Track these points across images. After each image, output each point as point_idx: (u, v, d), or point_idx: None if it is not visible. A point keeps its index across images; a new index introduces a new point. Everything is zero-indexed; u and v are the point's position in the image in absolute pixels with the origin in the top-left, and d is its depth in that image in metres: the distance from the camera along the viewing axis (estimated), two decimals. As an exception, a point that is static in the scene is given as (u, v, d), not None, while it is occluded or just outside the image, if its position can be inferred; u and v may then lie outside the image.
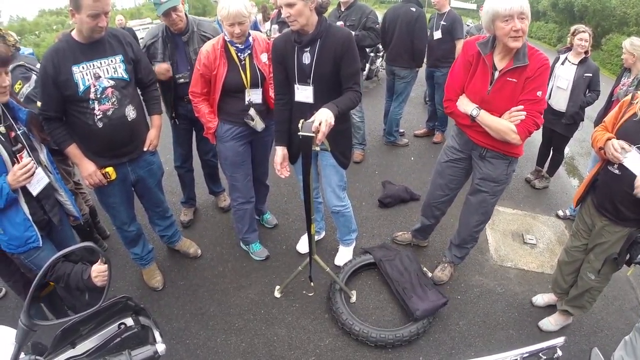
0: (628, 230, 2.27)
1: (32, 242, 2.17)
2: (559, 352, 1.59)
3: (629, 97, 2.27)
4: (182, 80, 3.12)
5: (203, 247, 3.55)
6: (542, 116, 2.31)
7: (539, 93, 2.26)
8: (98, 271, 1.68)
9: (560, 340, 1.51)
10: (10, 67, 2.84)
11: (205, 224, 3.95)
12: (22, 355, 1.06)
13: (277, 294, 3.07)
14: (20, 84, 2.81)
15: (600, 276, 2.50)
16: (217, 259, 3.48)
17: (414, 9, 4.72)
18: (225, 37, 2.70)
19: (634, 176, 2.07)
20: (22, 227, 2.12)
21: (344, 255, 3.36)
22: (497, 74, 2.34)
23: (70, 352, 1.16)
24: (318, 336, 2.78)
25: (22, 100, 2.77)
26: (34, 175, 2.12)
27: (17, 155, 2.10)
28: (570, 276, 2.75)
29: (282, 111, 2.70)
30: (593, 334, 2.93)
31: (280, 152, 2.69)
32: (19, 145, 2.13)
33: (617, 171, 2.17)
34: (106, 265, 1.59)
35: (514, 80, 2.28)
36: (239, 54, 2.73)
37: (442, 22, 5.07)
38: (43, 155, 2.29)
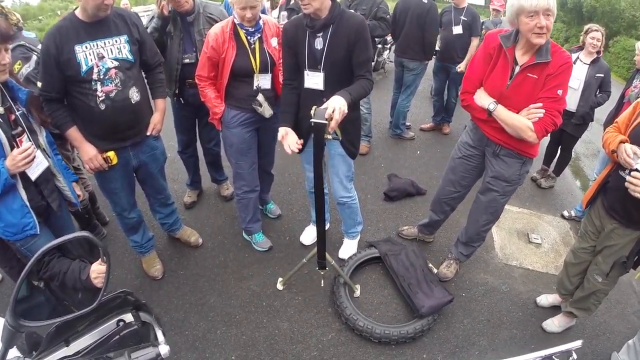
0: (638, 234, 2.21)
1: (29, 229, 2.08)
2: (574, 356, 1.54)
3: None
4: (187, 61, 3.05)
5: (204, 236, 3.49)
6: (561, 116, 2.22)
7: (560, 91, 2.17)
8: (98, 272, 1.53)
9: (577, 343, 1.46)
10: (11, 46, 2.78)
11: (207, 212, 3.88)
12: (10, 355, 0.98)
13: (279, 286, 3.01)
14: (19, 64, 2.73)
15: (607, 279, 2.45)
16: (219, 248, 3.41)
17: (425, 1, 4.64)
18: (235, 20, 2.62)
19: None
20: (19, 213, 2.04)
21: (348, 248, 3.30)
22: (517, 69, 2.25)
23: (64, 351, 1.08)
24: (321, 330, 2.72)
25: (21, 80, 2.70)
26: (34, 159, 2.04)
27: (17, 139, 2.02)
28: (576, 277, 2.69)
29: (290, 94, 2.62)
30: (595, 337, 2.89)
31: (282, 130, 2.47)
32: (19, 129, 2.04)
33: (628, 177, 2.05)
34: (106, 265, 1.49)
35: (535, 76, 2.19)
36: (248, 38, 2.65)
37: (463, 18, 5.01)
38: (42, 138, 2.21)
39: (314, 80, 2.50)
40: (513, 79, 2.27)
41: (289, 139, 2.41)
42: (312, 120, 2.05)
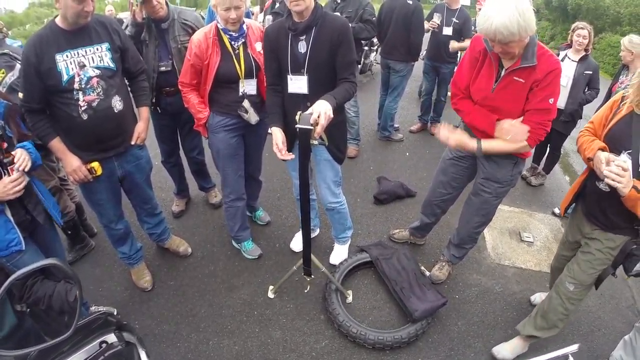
0: (621, 240, 2.12)
1: (14, 245, 2.02)
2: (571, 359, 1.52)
3: (618, 95, 2.07)
4: (163, 69, 3.01)
5: (193, 245, 3.44)
6: (551, 122, 2.20)
7: (551, 100, 2.14)
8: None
9: (574, 347, 1.45)
10: None
11: (196, 220, 3.83)
12: None
13: (270, 295, 2.97)
14: (3, 72, 2.68)
15: (581, 288, 2.30)
16: (208, 257, 3.36)
17: (410, 2, 4.64)
18: (219, 25, 2.59)
19: None
20: (2, 229, 1.98)
21: (339, 253, 3.27)
22: (503, 72, 2.22)
23: None
24: (314, 338, 2.69)
25: (4, 89, 2.64)
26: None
27: (8, 167, 1.98)
28: None
29: (276, 97, 2.58)
30: (590, 332, 2.89)
31: (278, 134, 2.40)
32: (11, 157, 2.00)
33: (606, 188, 1.93)
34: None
35: (521, 80, 2.15)
36: (232, 43, 2.62)
37: (455, 20, 5.00)
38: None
39: (297, 84, 2.47)
40: (499, 83, 2.23)
41: (278, 140, 2.36)
42: (297, 126, 2.02)
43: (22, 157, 2.04)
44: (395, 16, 4.69)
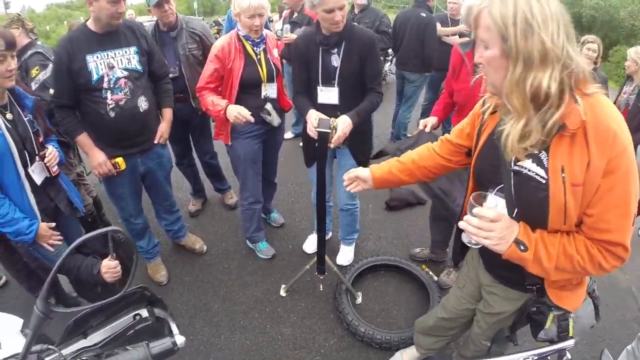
0: (520, 300, 1.58)
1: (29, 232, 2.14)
2: (568, 355, 1.57)
3: (478, 105, 1.51)
4: (171, 75, 3.07)
5: (209, 243, 3.54)
6: None
7: None
8: (108, 267, 1.63)
9: (570, 342, 1.49)
10: (29, 53, 2.87)
11: (212, 220, 3.93)
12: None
13: (282, 293, 3.04)
14: (37, 70, 2.85)
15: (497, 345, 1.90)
16: (223, 255, 3.46)
17: (424, 14, 4.72)
18: (240, 32, 2.69)
19: None
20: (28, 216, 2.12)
21: (346, 254, 3.34)
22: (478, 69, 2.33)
23: (83, 342, 1.13)
24: (323, 336, 2.75)
25: (36, 85, 2.80)
26: (37, 169, 2.15)
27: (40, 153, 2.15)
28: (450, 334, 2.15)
29: (305, 97, 2.63)
30: (595, 342, 2.89)
31: (314, 113, 2.43)
32: (43, 152, 2.16)
33: (473, 243, 1.40)
34: (117, 262, 1.55)
35: None
36: (254, 48, 2.72)
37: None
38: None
39: (327, 95, 2.56)
40: (476, 79, 2.34)
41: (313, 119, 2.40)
42: (316, 129, 2.15)
43: (52, 153, 2.19)
44: (409, 28, 4.77)
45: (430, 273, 3.16)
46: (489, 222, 1.21)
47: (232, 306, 2.97)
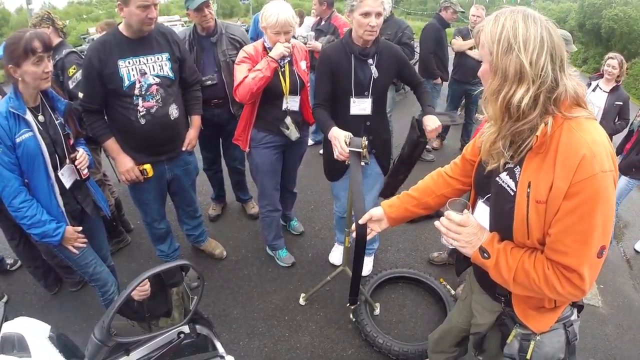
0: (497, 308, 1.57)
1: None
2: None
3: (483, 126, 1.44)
4: (209, 83, 3.09)
5: (229, 250, 3.57)
6: None
7: None
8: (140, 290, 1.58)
9: None
10: (64, 52, 2.90)
11: (232, 226, 3.97)
12: None
13: (302, 302, 3.06)
14: (74, 69, 2.87)
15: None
16: (243, 262, 3.49)
17: (433, 23, 5.10)
18: (266, 44, 2.71)
19: None
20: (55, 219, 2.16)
21: (365, 264, 3.27)
22: None
23: None
24: (341, 346, 2.77)
25: (74, 84, 2.82)
26: (66, 172, 2.19)
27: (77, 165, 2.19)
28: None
29: (324, 110, 2.56)
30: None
31: (340, 132, 2.29)
32: (74, 155, 2.19)
33: (447, 244, 1.40)
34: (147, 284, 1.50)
35: None
36: (278, 60, 2.72)
37: None
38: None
39: (361, 106, 2.59)
40: None
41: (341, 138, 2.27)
42: (350, 148, 2.14)
43: (83, 156, 2.22)
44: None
45: (448, 287, 3.17)
46: (455, 225, 1.31)
47: (251, 313, 2.99)
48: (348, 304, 2.74)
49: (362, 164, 2.19)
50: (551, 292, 1.22)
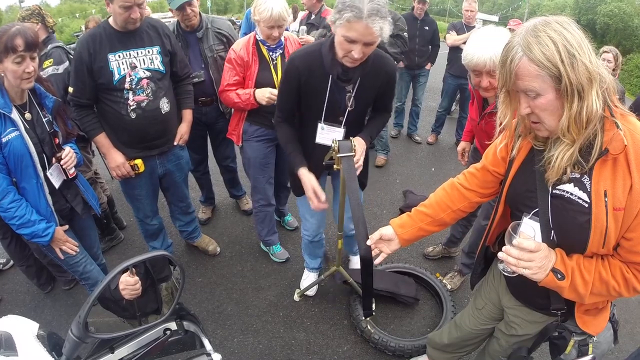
0: (544, 320, 1.55)
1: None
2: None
3: (513, 122, 1.29)
4: (195, 80, 2.99)
5: (222, 245, 3.54)
6: None
7: None
8: (126, 283, 1.46)
9: (587, 358, 1.48)
10: (49, 47, 2.84)
11: (225, 222, 3.93)
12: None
13: (296, 297, 3.03)
14: (50, 62, 2.80)
15: None
16: (236, 257, 3.45)
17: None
18: (257, 37, 2.66)
19: None
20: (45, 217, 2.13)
21: (355, 264, 3.30)
22: (486, 108, 2.28)
23: (109, 358, 1.12)
24: (336, 342, 2.75)
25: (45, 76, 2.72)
26: (54, 172, 2.15)
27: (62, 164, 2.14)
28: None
29: (288, 128, 2.23)
30: (604, 356, 2.87)
31: (312, 177, 2.11)
32: (60, 153, 2.15)
33: (509, 272, 1.31)
34: (136, 279, 1.41)
35: None
36: (270, 53, 2.68)
37: None
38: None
39: (330, 135, 2.18)
40: (481, 120, 2.33)
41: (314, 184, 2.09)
42: (339, 155, 1.93)
43: (69, 154, 2.17)
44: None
45: (444, 281, 3.14)
46: (528, 252, 1.18)
47: (245, 309, 2.96)
48: (363, 317, 2.66)
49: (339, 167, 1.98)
50: (630, 293, 1.21)
